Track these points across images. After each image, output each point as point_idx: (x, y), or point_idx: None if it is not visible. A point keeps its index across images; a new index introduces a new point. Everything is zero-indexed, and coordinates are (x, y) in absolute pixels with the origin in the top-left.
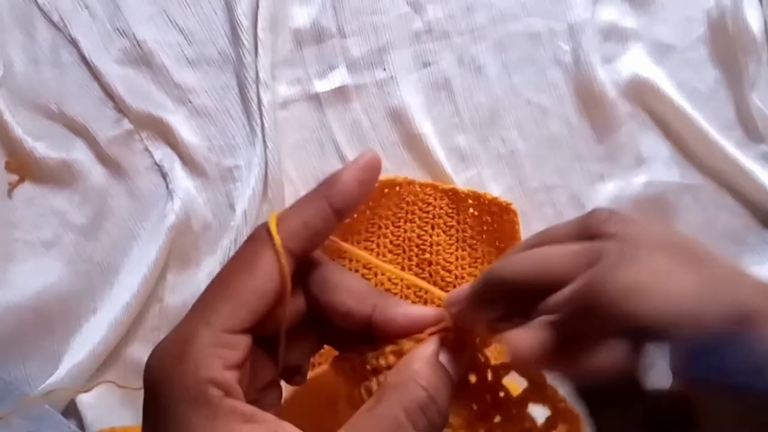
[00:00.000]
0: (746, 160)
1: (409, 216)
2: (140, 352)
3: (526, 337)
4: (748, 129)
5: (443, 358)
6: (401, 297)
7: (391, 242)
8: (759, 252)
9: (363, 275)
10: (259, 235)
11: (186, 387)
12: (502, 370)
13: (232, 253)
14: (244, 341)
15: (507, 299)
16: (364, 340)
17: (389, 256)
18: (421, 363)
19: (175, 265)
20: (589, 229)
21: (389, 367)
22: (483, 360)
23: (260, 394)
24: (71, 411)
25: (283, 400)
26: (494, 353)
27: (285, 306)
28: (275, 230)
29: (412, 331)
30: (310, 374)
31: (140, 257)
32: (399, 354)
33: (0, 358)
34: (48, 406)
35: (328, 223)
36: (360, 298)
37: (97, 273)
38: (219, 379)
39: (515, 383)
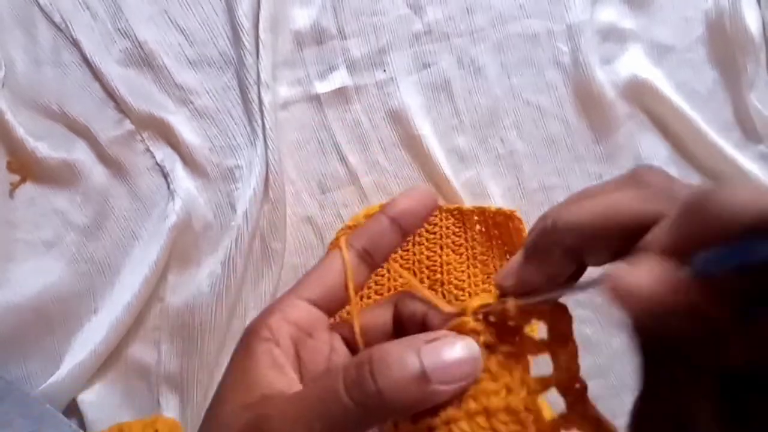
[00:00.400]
0: (745, 160)
1: (417, 238)
2: (141, 351)
3: (644, 273)
4: (747, 129)
5: (433, 353)
6: None
7: (401, 266)
8: None
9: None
10: (337, 243)
11: (251, 326)
12: (539, 386)
13: (233, 252)
14: (308, 308)
15: (564, 253)
16: None
17: (401, 279)
18: (396, 341)
19: (176, 265)
20: (637, 179)
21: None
22: (520, 371)
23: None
24: (72, 410)
25: None
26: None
27: (351, 291)
28: (345, 237)
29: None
30: None
31: (141, 257)
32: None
33: (1, 357)
34: (49, 406)
35: (386, 230)
36: (422, 301)
37: (98, 273)
38: (272, 325)
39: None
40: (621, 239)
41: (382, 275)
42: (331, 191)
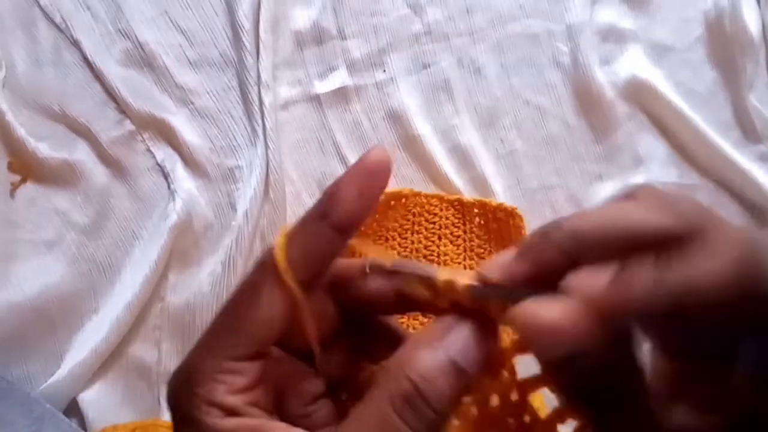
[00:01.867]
0: (744, 160)
1: (416, 227)
2: (142, 351)
3: None
4: (746, 129)
5: (456, 342)
6: None
7: (398, 254)
8: None
9: None
10: (264, 263)
11: (189, 411)
12: (529, 386)
13: (233, 252)
14: (251, 367)
15: (559, 255)
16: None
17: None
18: (414, 348)
19: (177, 264)
20: (637, 195)
21: None
22: (507, 375)
23: (309, 409)
24: (73, 410)
25: None
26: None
27: (309, 330)
28: (282, 258)
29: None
30: None
31: (142, 257)
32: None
33: (2, 357)
34: (49, 405)
35: (330, 245)
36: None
37: (99, 272)
38: (224, 403)
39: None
40: (619, 250)
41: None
42: None
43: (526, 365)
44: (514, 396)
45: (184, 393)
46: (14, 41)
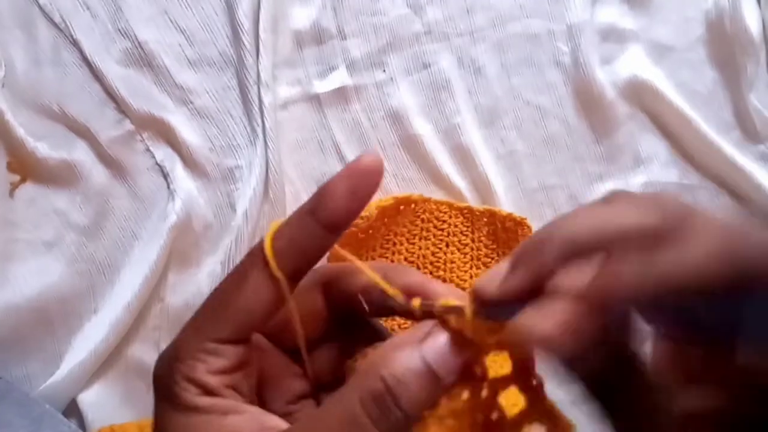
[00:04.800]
0: (745, 160)
1: (424, 233)
2: (141, 351)
3: None
4: (747, 129)
5: (433, 348)
6: None
7: (405, 259)
8: None
9: None
10: (254, 252)
11: (169, 386)
12: (500, 384)
13: (233, 252)
14: (233, 350)
15: (555, 260)
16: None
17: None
18: (391, 349)
19: (176, 264)
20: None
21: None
22: (480, 372)
23: (290, 407)
24: (72, 410)
25: None
26: (493, 364)
27: (294, 318)
28: (269, 247)
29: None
30: None
31: (141, 257)
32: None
33: (1, 357)
34: (48, 406)
35: (317, 240)
36: (375, 270)
37: (98, 273)
38: (201, 380)
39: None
40: (607, 250)
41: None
42: None
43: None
44: (484, 392)
45: (167, 369)
46: (13, 41)
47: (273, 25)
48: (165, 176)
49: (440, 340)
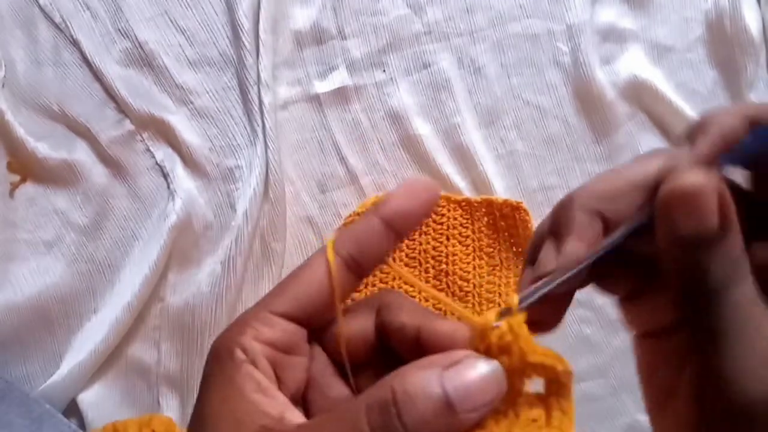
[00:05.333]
0: None
1: (424, 228)
2: (141, 351)
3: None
4: None
5: (458, 378)
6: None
7: (407, 255)
8: None
9: (406, 291)
10: (322, 247)
11: (221, 346)
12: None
13: (233, 252)
14: (284, 326)
15: (586, 214)
16: None
17: (406, 269)
18: (414, 366)
19: (177, 264)
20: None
21: None
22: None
23: None
24: (72, 410)
25: None
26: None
27: (338, 308)
28: (331, 240)
29: (452, 344)
30: None
31: (141, 257)
32: None
33: (1, 357)
34: (49, 406)
35: (376, 235)
36: (412, 314)
37: (99, 273)
38: (246, 345)
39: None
40: (641, 196)
41: (387, 273)
42: (331, 191)
43: None
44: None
45: (223, 334)
46: (14, 41)
47: (273, 26)
48: (165, 176)
49: (469, 372)
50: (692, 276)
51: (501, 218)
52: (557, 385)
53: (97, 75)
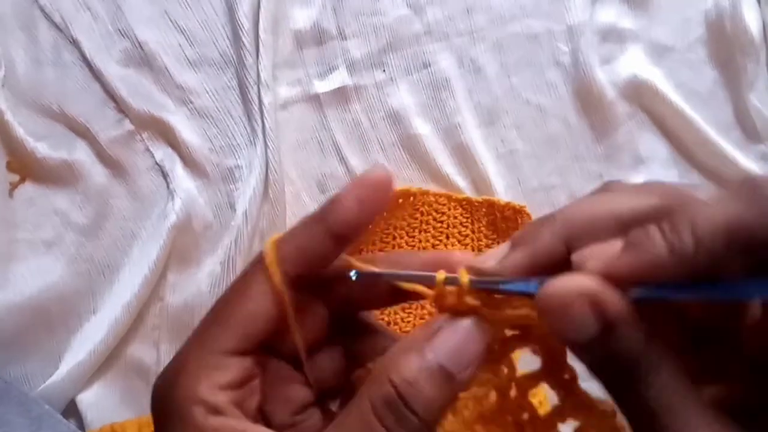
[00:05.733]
0: (745, 160)
1: (424, 226)
2: (141, 351)
3: None
4: (747, 129)
5: (442, 344)
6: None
7: None
8: None
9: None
10: (256, 261)
11: (174, 407)
12: (529, 382)
13: (232, 252)
14: (238, 363)
15: (553, 238)
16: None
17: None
18: (399, 352)
19: (176, 264)
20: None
21: None
22: (506, 371)
23: (296, 418)
24: (71, 410)
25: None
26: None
27: (292, 326)
28: (272, 255)
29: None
30: None
31: (141, 257)
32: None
33: (0, 358)
34: (48, 406)
35: (323, 246)
36: (388, 260)
37: (98, 273)
38: (207, 399)
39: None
40: (609, 232)
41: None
42: (331, 191)
43: (527, 362)
44: (513, 392)
45: (171, 387)
46: (14, 41)
47: (273, 26)
48: (165, 176)
49: (452, 336)
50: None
51: (502, 220)
52: (541, 332)
53: (96, 75)
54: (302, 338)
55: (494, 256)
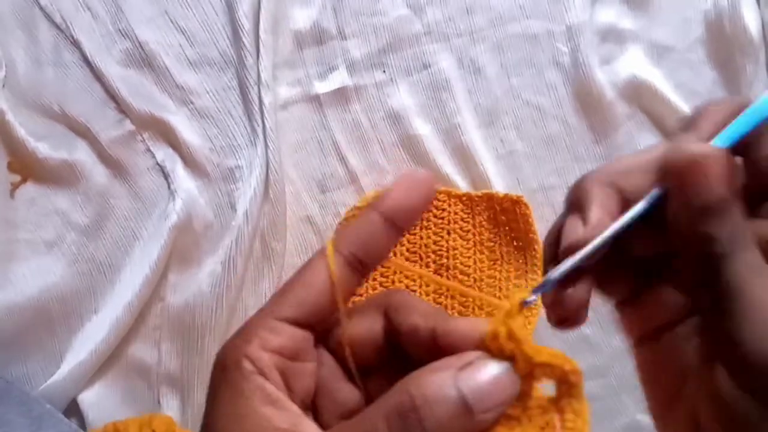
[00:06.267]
0: None
1: (425, 222)
2: (142, 351)
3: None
4: None
5: (472, 379)
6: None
7: (408, 249)
8: None
9: (407, 285)
10: (323, 247)
11: (227, 357)
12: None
13: (233, 252)
14: (291, 331)
15: (605, 186)
16: None
17: (407, 263)
18: (427, 370)
19: (177, 264)
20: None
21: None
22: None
23: (341, 421)
24: (72, 410)
25: None
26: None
27: (340, 303)
28: (331, 240)
29: (469, 344)
30: None
31: (142, 257)
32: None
33: (1, 357)
34: (49, 406)
35: (377, 232)
36: (425, 315)
37: (99, 273)
38: (253, 355)
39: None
40: (655, 173)
41: (387, 268)
42: (331, 191)
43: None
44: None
45: (228, 345)
46: (14, 41)
47: (273, 26)
48: (165, 176)
49: (482, 373)
50: (702, 243)
51: (501, 212)
52: (568, 386)
53: (97, 75)
54: (347, 321)
55: (574, 230)
